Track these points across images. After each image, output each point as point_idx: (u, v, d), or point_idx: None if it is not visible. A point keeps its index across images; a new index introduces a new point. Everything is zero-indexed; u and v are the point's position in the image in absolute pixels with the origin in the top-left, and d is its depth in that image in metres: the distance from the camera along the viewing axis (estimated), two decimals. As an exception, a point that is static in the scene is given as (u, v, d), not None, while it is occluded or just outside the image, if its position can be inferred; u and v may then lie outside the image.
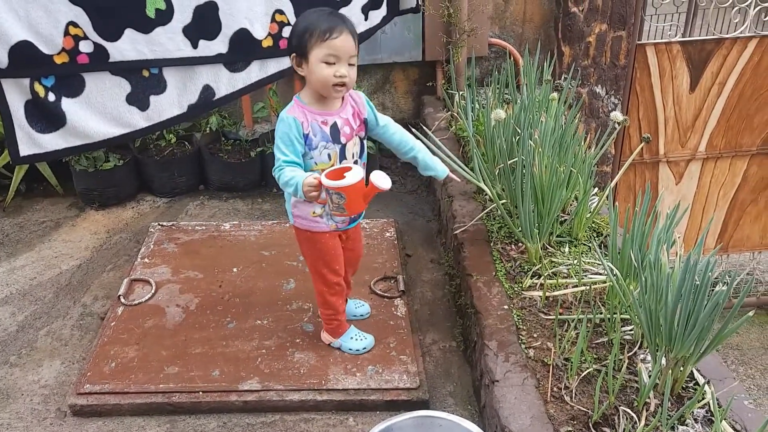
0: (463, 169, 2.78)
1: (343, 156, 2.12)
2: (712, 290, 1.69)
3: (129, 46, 2.61)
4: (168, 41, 2.65)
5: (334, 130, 2.09)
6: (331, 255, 2.26)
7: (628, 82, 4.15)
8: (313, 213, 2.15)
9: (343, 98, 2.13)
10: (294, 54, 2.03)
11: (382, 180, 1.94)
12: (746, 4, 4.04)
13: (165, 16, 2.62)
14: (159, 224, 3.26)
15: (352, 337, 2.42)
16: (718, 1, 4.05)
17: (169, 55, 2.68)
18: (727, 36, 4.19)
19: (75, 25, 2.50)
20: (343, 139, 2.10)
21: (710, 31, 4.20)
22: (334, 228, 2.22)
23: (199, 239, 3.15)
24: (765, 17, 4.13)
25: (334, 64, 1.98)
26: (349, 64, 2.01)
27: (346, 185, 1.91)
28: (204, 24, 2.70)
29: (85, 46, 2.54)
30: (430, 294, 2.87)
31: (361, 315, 2.59)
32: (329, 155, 2.09)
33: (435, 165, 2.30)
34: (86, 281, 2.96)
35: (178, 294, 2.74)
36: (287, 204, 2.24)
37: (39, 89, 2.52)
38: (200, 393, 2.24)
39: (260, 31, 2.80)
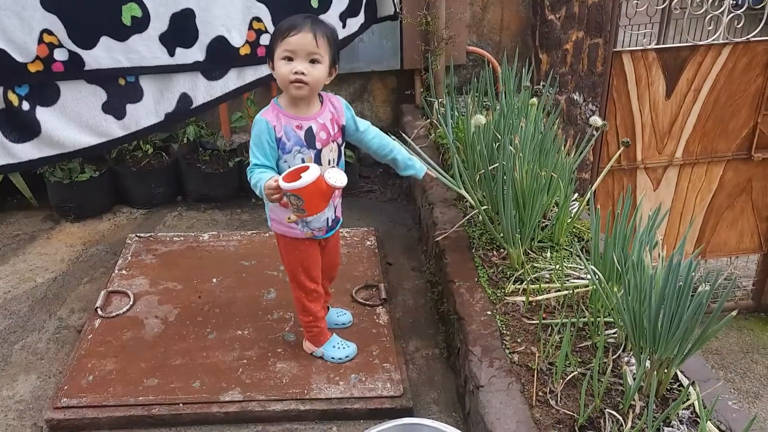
0: (444, 177, 2.78)
1: (318, 161, 2.09)
2: (695, 291, 1.69)
3: (105, 54, 2.57)
4: (144, 49, 2.63)
5: (309, 134, 2.06)
6: (310, 261, 2.24)
7: (605, 89, 4.19)
8: (288, 219, 2.11)
9: (321, 103, 2.11)
10: (269, 58, 2.04)
11: (336, 177, 1.91)
12: (720, 11, 4.10)
13: (141, 23, 2.59)
14: (136, 236, 3.22)
15: (334, 346, 2.39)
16: (691, 9, 4.11)
17: (145, 63, 2.65)
18: (701, 43, 4.26)
19: (49, 32, 2.46)
20: (318, 145, 2.08)
21: (684, 38, 4.26)
22: (310, 235, 2.19)
23: (178, 250, 3.11)
24: (738, 24, 4.20)
25: (292, 60, 1.97)
26: (311, 61, 1.97)
27: (301, 186, 1.86)
28: (181, 31, 2.67)
29: (59, 54, 2.51)
30: (412, 302, 2.85)
31: (343, 323, 2.56)
32: (303, 159, 2.06)
33: (414, 163, 2.32)
34: (62, 294, 2.91)
35: (157, 305, 2.70)
36: (266, 208, 2.22)
37: (13, 98, 2.48)
38: (181, 405, 2.20)
39: (237, 38, 2.78)
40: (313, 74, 1.98)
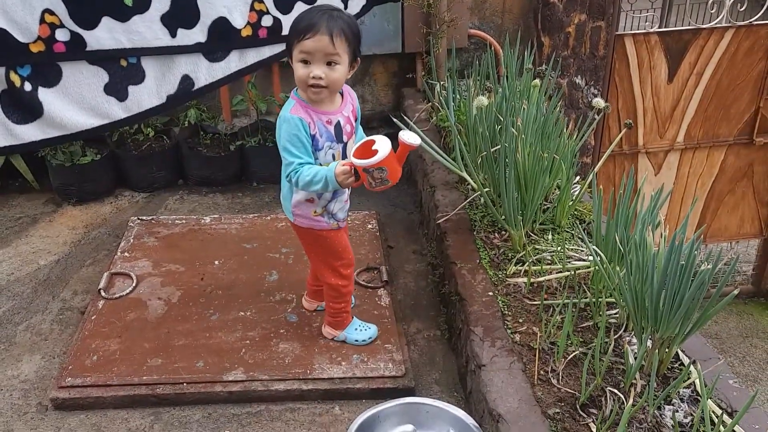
0: (446, 159, 2.78)
1: (344, 155, 2.09)
2: (695, 276, 1.70)
3: (106, 35, 2.56)
4: (146, 30, 2.61)
5: (338, 129, 2.06)
6: (342, 246, 2.25)
7: (607, 73, 4.17)
8: (314, 212, 2.14)
9: (342, 96, 2.10)
10: (288, 54, 2.00)
11: (411, 138, 1.90)
12: (722, -6, 4.09)
13: (142, 4, 2.58)
14: (138, 219, 3.22)
15: (356, 329, 2.40)
16: (693, -7, 4.10)
17: (147, 44, 2.64)
18: (704, 26, 4.24)
19: (51, 12, 2.45)
20: (345, 138, 2.08)
21: (687, 21, 4.24)
22: (336, 226, 2.20)
23: (180, 233, 3.11)
24: (740, 8, 4.18)
25: (309, 63, 1.93)
26: (329, 64, 1.93)
27: (384, 158, 1.86)
28: (182, 12, 2.66)
29: (61, 35, 2.50)
30: (413, 284, 2.86)
31: (346, 305, 2.57)
32: (333, 156, 2.07)
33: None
34: (65, 276, 2.91)
35: (160, 287, 2.71)
36: (286, 203, 2.18)
37: (15, 79, 2.47)
38: (184, 384, 2.22)
39: (239, 19, 2.77)
40: (331, 77, 1.94)
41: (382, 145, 1.88)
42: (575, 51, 3.99)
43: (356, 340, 2.39)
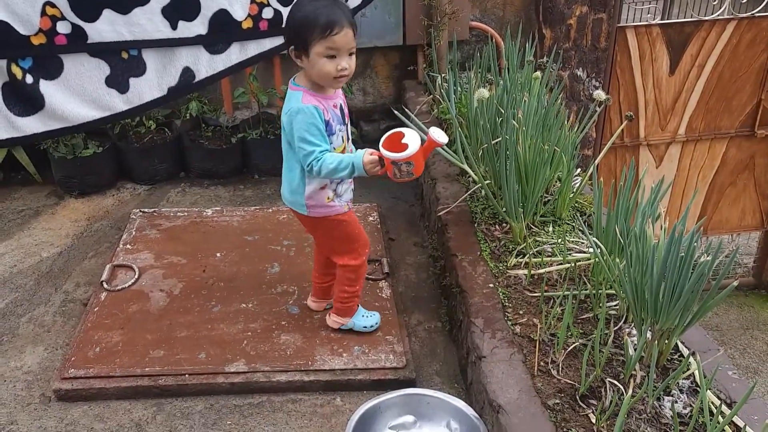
0: (447, 152, 2.78)
1: (348, 136, 2.16)
2: (696, 263, 1.71)
3: (107, 27, 2.56)
4: (147, 22, 2.61)
5: (341, 111, 2.12)
6: (358, 227, 2.27)
7: (608, 65, 4.17)
8: (328, 198, 2.15)
9: None
10: (292, 47, 2.00)
11: (440, 136, 1.96)
12: (724, -14, 4.08)
13: (143, -4, 2.59)
14: (140, 211, 3.23)
15: (363, 315, 2.42)
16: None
17: (148, 37, 2.64)
18: (706, 18, 4.23)
19: (52, 5, 2.45)
20: (345, 119, 2.14)
21: (689, 13, 4.24)
22: (347, 208, 2.23)
23: (182, 225, 3.12)
24: (743, 0, 4.17)
25: (335, 57, 1.96)
26: (349, 54, 2.00)
27: (414, 153, 1.92)
28: (183, 4, 2.66)
29: (62, 27, 2.50)
30: (414, 276, 2.87)
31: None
32: (342, 137, 2.12)
33: None
34: (67, 268, 2.92)
35: (162, 279, 2.72)
36: (296, 197, 2.16)
37: (16, 71, 2.48)
38: (187, 375, 2.23)
39: (240, 12, 2.77)
40: (352, 66, 2.02)
41: (412, 139, 1.93)
42: (577, 43, 3.98)
43: (364, 327, 2.41)
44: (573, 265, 2.29)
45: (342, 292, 2.36)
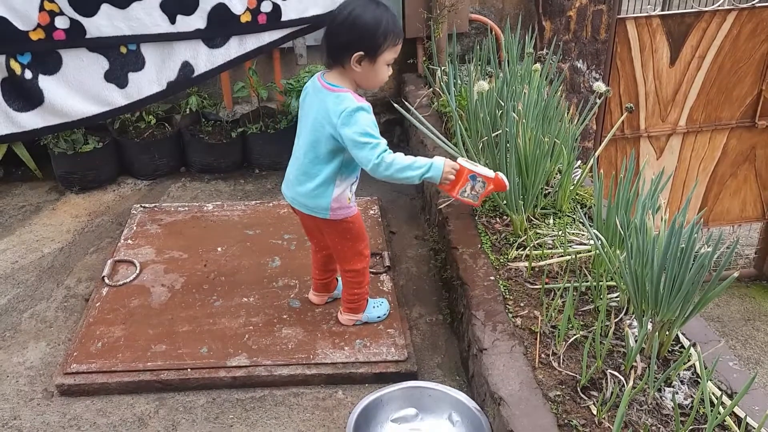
0: (447, 145, 2.78)
1: None
2: (697, 254, 1.71)
3: (106, 22, 2.56)
4: (145, 16, 2.61)
5: None
6: (363, 227, 2.29)
7: (608, 57, 4.16)
8: (348, 200, 2.16)
9: None
10: (361, 53, 1.97)
11: (505, 179, 2.15)
12: (724, -24, 4.07)
13: (142, -9, 2.58)
14: (141, 206, 3.23)
15: (374, 307, 2.44)
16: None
17: (146, 31, 2.64)
18: (706, 9, 4.22)
19: (50, 0, 2.45)
20: None
21: (689, 4, 4.22)
22: (356, 207, 2.24)
23: (182, 220, 3.12)
24: (743, -10, 4.16)
25: (390, 65, 2.04)
26: None
27: (491, 176, 2.10)
28: (181, -1, 2.66)
29: (61, 22, 2.49)
30: (415, 269, 2.87)
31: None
32: None
33: None
34: (69, 264, 2.93)
35: (163, 274, 2.72)
36: (319, 200, 2.13)
37: (15, 66, 2.48)
38: (189, 370, 2.23)
39: (238, 5, 2.76)
40: None
41: (487, 170, 2.12)
42: (576, 35, 3.97)
43: (378, 317, 2.42)
44: (574, 257, 2.29)
45: (351, 294, 2.36)
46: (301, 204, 2.17)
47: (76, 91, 2.61)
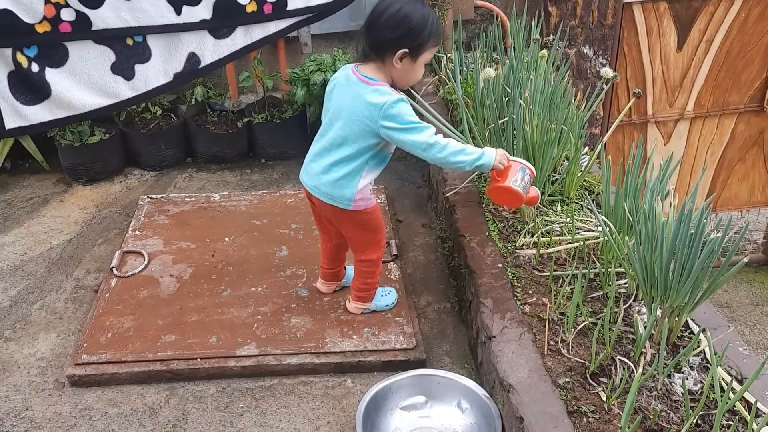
0: (454, 132, 2.77)
1: None
2: (706, 240, 1.70)
3: (112, 14, 2.56)
4: (151, 8, 2.61)
5: None
6: (383, 222, 2.30)
7: (615, 42, 4.13)
8: (370, 190, 2.17)
9: None
10: (406, 50, 1.97)
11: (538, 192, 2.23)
12: (732, -41, 4.02)
13: (147, -18, 2.57)
14: (148, 197, 3.24)
15: (382, 295, 2.45)
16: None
17: (152, 23, 2.63)
18: (713, -7, 4.17)
19: (55, -8, 2.45)
20: None
21: (696, -12, 4.18)
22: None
23: (190, 210, 3.13)
24: (751, -27, 4.11)
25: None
26: None
27: (535, 173, 2.18)
28: (186, -11, 2.66)
29: (66, 14, 2.49)
30: (423, 258, 2.87)
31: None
32: None
33: None
34: (77, 255, 2.94)
35: (171, 264, 2.73)
36: (344, 191, 2.11)
37: (22, 59, 2.48)
38: (198, 359, 2.25)
39: (244, -5, 2.76)
40: None
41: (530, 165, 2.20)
42: (583, 20, 3.95)
43: (387, 305, 2.43)
44: (582, 244, 2.28)
45: (363, 284, 2.37)
46: (322, 193, 2.15)
47: (83, 83, 2.61)
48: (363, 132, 2.03)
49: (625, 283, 2.11)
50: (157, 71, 2.75)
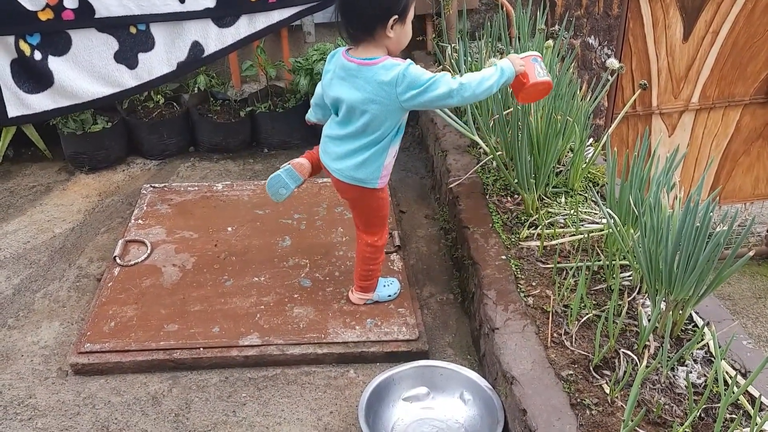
0: (458, 123, 2.76)
1: None
2: (712, 233, 1.69)
3: (115, 2, 2.54)
4: (154, -5, 2.60)
5: None
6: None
7: (621, 33, 4.11)
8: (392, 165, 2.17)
9: None
10: (395, 16, 1.95)
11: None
12: (739, -50, 4.00)
13: (150, -31, 2.56)
14: (151, 186, 3.23)
15: (384, 285, 2.44)
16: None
17: (156, 11, 2.62)
18: (720, -16, 4.15)
19: (58, -21, 2.44)
20: None
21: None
22: None
23: (192, 200, 3.12)
24: (758, -37, 4.09)
25: None
26: None
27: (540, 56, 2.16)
28: (190, -23, 2.64)
29: (69, 2, 2.48)
30: (426, 249, 2.87)
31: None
32: None
33: None
34: (80, 244, 2.94)
35: (174, 254, 2.73)
36: (369, 170, 2.10)
37: (24, 47, 2.47)
38: (201, 349, 2.25)
39: (248, -16, 2.75)
40: None
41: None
42: (588, 10, 3.92)
43: (389, 296, 2.43)
44: (586, 236, 2.28)
45: (366, 270, 2.36)
46: (349, 176, 2.12)
47: (86, 72, 2.60)
48: (385, 113, 2.00)
49: (629, 276, 2.10)
50: (160, 60, 2.74)
